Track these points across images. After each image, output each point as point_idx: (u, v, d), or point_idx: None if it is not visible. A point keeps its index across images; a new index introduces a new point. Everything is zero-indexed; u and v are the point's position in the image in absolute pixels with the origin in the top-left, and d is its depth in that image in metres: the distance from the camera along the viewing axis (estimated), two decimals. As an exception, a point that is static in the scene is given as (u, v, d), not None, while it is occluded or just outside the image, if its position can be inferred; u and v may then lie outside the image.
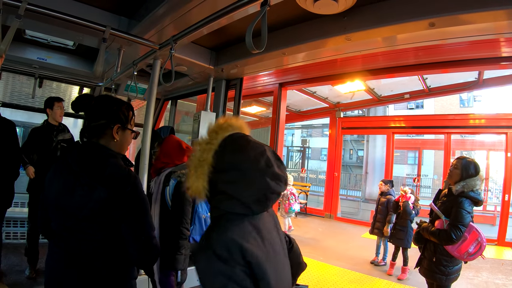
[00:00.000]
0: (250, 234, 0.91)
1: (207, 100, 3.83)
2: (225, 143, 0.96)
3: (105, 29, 2.26)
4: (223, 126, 1.01)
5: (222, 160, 0.94)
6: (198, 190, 0.94)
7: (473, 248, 2.35)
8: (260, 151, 0.94)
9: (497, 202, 10.65)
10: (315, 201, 10.84)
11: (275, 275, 0.93)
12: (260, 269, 0.88)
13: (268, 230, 0.99)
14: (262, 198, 0.92)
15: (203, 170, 0.94)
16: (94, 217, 1.20)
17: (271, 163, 0.94)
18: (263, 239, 0.94)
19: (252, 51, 1.40)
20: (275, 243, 1.00)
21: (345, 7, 2.06)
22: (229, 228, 0.89)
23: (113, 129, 1.34)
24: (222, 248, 0.85)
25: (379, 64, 3.41)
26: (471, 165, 2.46)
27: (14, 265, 3.32)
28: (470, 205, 2.38)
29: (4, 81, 4.19)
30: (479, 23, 1.88)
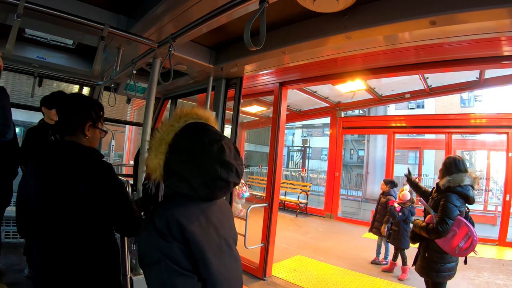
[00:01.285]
0: (195, 216, 0.94)
1: (207, 99, 3.81)
2: (185, 128, 1.01)
3: (103, 27, 2.25)
4: (188, 112, 1.06)
5: (179, 142, 0.98)
6: (154, 168, 0.99)
7: (464, 243, 2.39)
8: (215, 139, 0.98)
9: (498, 202, 10.61)
10: (316, 201, 10.83)
11: (219, 263, 0.94)
12: (198, 250, 0.89)
13: (219, 221, 1.02)
14: (209, 183, 0.94)
15: (161, 149, 0.99)
16: (79, 211, 1.28)
17: (223, 151, 0.96)
18: (210, 224, 0.97)
19: (250, 48, 1.39)
20: (226, 235, 1.03)
21: (345, 5, 2.05)
22: (174, 205, 0.93)
23: (85, 126, 1.41)
24: (162, 223, 0.88)
25: (379, 63, 3.39)
26: (451, 161, 2.59)
27: (13, 264, 3.31)
28: (457, 200, 2.45)
29: (3, 80, 4.19)
30: (480, 21, 1.86)
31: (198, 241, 0.90)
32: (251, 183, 11.77)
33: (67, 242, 1.28)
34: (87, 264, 1.30)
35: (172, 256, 0.87)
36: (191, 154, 0.96)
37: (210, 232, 0.97)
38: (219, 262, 0.95)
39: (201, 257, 0.90)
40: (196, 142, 0.97)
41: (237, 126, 3.79)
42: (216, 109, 3.81)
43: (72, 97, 1.50)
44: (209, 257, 0.92)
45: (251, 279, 3.90)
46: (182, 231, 0.89)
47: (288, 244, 5.62)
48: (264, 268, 3.92)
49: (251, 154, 18.43)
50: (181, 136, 0.99)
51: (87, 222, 1.30)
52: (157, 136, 1.02)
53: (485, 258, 5.38)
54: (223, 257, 0.99)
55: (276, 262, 4.39)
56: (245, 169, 12.67)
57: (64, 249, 1.28)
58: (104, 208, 1.32)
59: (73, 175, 1.28)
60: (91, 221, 1.31)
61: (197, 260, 0.90)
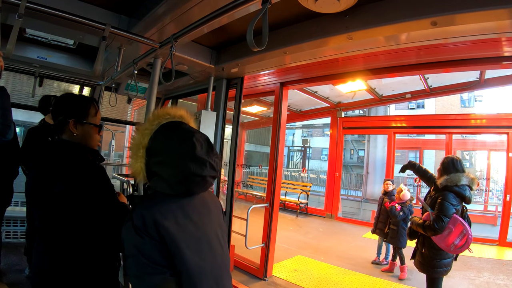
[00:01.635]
0: (172, 212, 0.98)
1: (208, 99, 3.82)
2: (158, 130, 1.05)
3: (105, 27, 2.25)
4: (160, 114, 1.10)
5: (154, 144, 1.03)
6: (137, 171, 1.04)
7: (459, 241, 2.45)
8: (186, 136, 1.02)
9: (498, 203, 10.61)
10: (316, 201, 10.83)
11: (196, 256, 0.98)
12: (174, 244, 0.93)
13: (199, 215, 1.05)
14: (184, 180, 0.98)
15: (140, 153, 1.04)
16: (59, 209, 1.26)
17: (194, 147, 0.99)
18: (187, 219, 1.01)
19: (253, 49, 1.40)
20: (207, 229, 1.06)
21: (347, 5, 2.05)
22: (152, 204, 0.97)
23: (69, 123, 1.39)
24: (139, 220, 0.93)
25: (380, 63, 3.39)
26: (448, 161, 2.68)
27: (13, 264, 3.32)
28: (454, 198, 2.53)
29: (4, 80, 4.18)
30: (481, 22, 1.86)
31: (172, 236, 0.94)
32: (252, 183, 11.77)
33: (58, 239, 1.28)
34: (81, 262, 1.29)
35: (144, 251, 0.91)
36: (165, 155, 1.01)
37: (188, 227, 1.00)
38: (196, 255, 0.98)
39: (177, 251, 0.93)
40: (168, 142, 1.01)
41: (238, 126, 3.79)
42: (217, 109, 3.81)
43: (57, 98, 1.52)
44: (184, 250, 0.95)
45: (251, 279, 3.90)
46: (157, 227, 0.92)
47: (288, 244, 5.62)
48: (264, 268, 3.93)
49: (251, 154, 18.42)
50: (155, 138, 1.03)
51: (70, 221, 1.27)
52: (135, 141, 1.06)
53: (485, 258, 5.38)
54: (201, 251, 1.01)
55: (276, 262, 4.39)
56: (246, 169, 12.67)
57: (55, 246, 1.29)
58: (83, 210, 1.27)
59: (52, 173, 1.28)
60: (76, 221, 1.27)
61: (173, 254, 0.93)
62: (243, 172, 12.17)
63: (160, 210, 0.96)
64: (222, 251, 1.11)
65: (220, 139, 3.79)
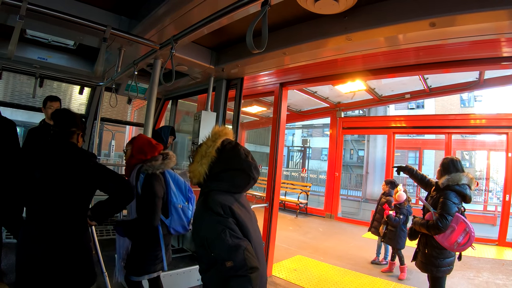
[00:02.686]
0: (233, 202, 1.34)
1: (208, 100, 3.83)
2: (223, 144, 1.41)
3: (105, 29, 2.26)
4: (222, 132, 1.48)
5: (222, 155, 1.38)
6: (199, 174, 1.36)
7: (462, 239, 2.49)
8: (247, 152, 1.42)
9: (497, 202, 10.63)
10: (316, 201, 10.84)
11: (255, 235, 1.36)
12: (242, 223, 1.30)
13: (246, 205, 1.44)
14: (246, 181, 1.39)
15: (207, 160, 1.37)
16: (79, 190, 1.78)
17: (253, 160, 1.42)
18: (241, 206, 1.38)
19: (253, 51, 1.41)
20: (251, 215, 1.45)
21: (346, 7, 2.06)
22: (219, 196, 1.31)
23: (78, 135, 1.94)
24: (217, 207, 1.27)
25: (379, 64, 3.40)
26: (448, 161, 2.72)
27: (14, 264, 3.32)
28: (455, 197, 2.56)
29: (4, 80, 4.19)
30: (479, 23, 1.88)
31: (240, 216, 1.31)
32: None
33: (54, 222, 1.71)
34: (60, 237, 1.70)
35: (230, 227, 1.24)
36: (233, 163, 1.37)
37: (243, 212, 1.36)
38: (252, 230, 1.35)
39: (244, 227, 1.30)
40: (236, 156, 1.38)
41: (237, 126, 3.80)
42: (217, 110, 3.82)
43: (74, 113, 2.00)
44: (248, 226, 1.32)
45: (251, 279, 3.91)
46: (232, 211, 1.28)
47: (288, 244, 5.63)
48: (264, 268, 3.93)
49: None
50: (223, 152, 1.39)
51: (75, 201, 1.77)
52: (203, 149, 1.41)
53: (484, 258, 5.39)
54: (253, 226, 1.40)
55: (276, 262, 4.40)
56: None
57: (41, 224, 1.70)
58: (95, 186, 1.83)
59: (78, 164, 1.78)
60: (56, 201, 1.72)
61: (242, 229, 1.29)
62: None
63: (227, 199, 1.31)
64: (258, 230, 1.48)
65: (220, 139, 3.80)
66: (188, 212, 2.35)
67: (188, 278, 3.46)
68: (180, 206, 2.31)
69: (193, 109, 6.08)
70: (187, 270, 3.44)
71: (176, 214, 2.29)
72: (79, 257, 1.76)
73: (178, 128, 6.07)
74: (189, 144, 5.08)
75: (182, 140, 6.26)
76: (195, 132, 3.71)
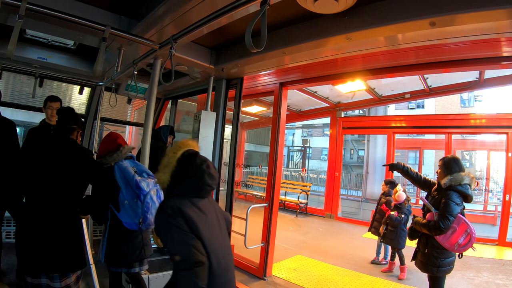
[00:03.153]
0: (187, 205, 1.48)
1: (208, 99, 3.82)
2: (183, 155, 1.60)
3: (105, 28, 2.26)
4: (184, 143, 1.68)
5: (181, 165, 1.57)
6: (163, 181, 1.56)
7: (463, 240, 2.48)
8: (202, 161, 1.59)
9: (497, 202, 10.62)
10: (316, 201, 10.83)
11: (210, 235, 1.48)
12: (194, 225, 1.43)
13: (205, 210, 1.55)
14: (201, 187, 1.55)
15: (169, 169, 1.56)
16: (74, 181, 2.00)
17: (209, 167, 1.58)
18: (200, 211, 1.51)
19: (252, 50, 1.41)
20: (209, 219, 1.55)
21: (346, 6, 2.06)
22: (175, 200, 1.49)
23: (78, 132, 2.17)
24: (168, 209, 1.45)
25: (379, 63, 3.40)
26: (450, 161, 2.68)
27: (14, 264, 3.29)
28: (458, 198, 2.54)
29: (4, 80, 4.19)
30: (479, 22, 1.87)
31: (191, 218, 1.44)
32: (251, 183, 11.78)
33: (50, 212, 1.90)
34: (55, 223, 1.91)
35: (177, 225, 1.40)
36: (192, 172, 1.55)
37: (197, 213, 1.49)
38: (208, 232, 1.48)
39: (196, 228, 1.42)
40: (192, 165, 1.57)
41: (237, 126, 3.80)
42: (217, 110, 3.82)
43: (74, 111, 2.26)
44: (200, 228, 1.44)
45: (251, 278, 3.91)
46: (181, 211, 1.43)
47: (288, 244, 5.63)
48: (264, 267, 3.93)
49: (251, 154, 18.42)
50: (182, 161, 1.58)
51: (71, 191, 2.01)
52: (166, 160, 1.61)
53: (484, 258, 5.39)
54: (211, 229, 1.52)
55: (276, 262, 4.40)
56: (245, 169, 12.67)
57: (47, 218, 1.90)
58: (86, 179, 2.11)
59: (76, 158, 2.05)
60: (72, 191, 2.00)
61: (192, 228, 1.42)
62: (243, 172, 12.17)
63: (181, 203, 1.47)
64: (223, 235, 1.62)
65: (220, 139, 3.80)
66: (137, 209, 2.25)
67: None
68: (126, 202, 2.26)
69: (193, 109, 6.07)
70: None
71: (123, 209, 2.26)
72: (72, 240, 1.97)
73: (178, 128, 6.07)
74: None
75: (182, 140, 6.26)
76: (195, 132, 3.71)
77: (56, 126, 2.07)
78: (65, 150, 1.98)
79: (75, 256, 1.99)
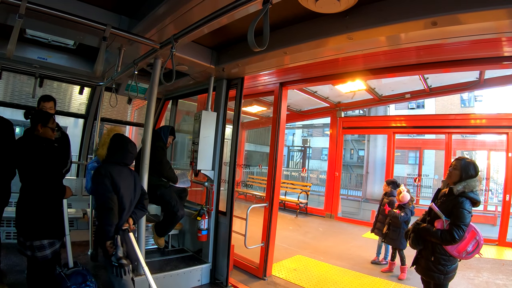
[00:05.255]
0: (115, 170, 2.34)
1: (208, 99, 3.82)
2: (114, 135, 2.51)
3: (105, 28, 2.26)
4: (114, 129, 3.06)
5: (113, 142, 2.46)
6: (102, 154, 2.91)
7: (471, 247, 2.42)
8: (126, 138, 2.49)
9: (497, 202, 10.61)
10: (316, 201, 10.82)
11: (123, 192, 2.33)
12: (115, 184, 2.28)
13: (126, 177, 2.43)
14: (126, 155, 2.43)
15: (105, 146, 2.56)
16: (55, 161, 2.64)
17: (131, 146, 2.46)
18: (122, 174, 2.38)
19: (254, 49, 1.40)
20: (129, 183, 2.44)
21: (347, 5, 2.05)
22: (108, 165, 2.36)
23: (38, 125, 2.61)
24: (102, 170, 2.30)
25: (380, 63, 3.39)
26: (470, 166, 2.50)
27: (14, 265, 3.32)
28: (470, 205, 2.42)
29: (4, 80, 4.19)
30: (480, 22, 1.87)
31: (115, 178, 2.29)
32: (251, 183, 11.77)
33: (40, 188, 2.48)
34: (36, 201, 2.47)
35: (103, 182, 2.25)
36: (119, 146, 2.43)
37: (121, 176, 2.35)
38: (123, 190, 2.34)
39: (116, 186, 2.29)
40: (118, 142, 2.46)
41: (238, 126, 3.79)
42: (218, 110, 3.81)
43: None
44: (120, 186, 2.31)
45: (251, 278, 3.90)
46: (110, 174, 2.29)
47: (288, 244, 5.62)
48: (264, 267, 3.93)
49: (251, 154, 18.41)
50: (114, 140, 2.47)
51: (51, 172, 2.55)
52: (102, 140, 3.06)
53: (484, 258, 5.36)
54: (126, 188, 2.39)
55: (276, 262, 4.40)
56: (246, 169, 12.69)
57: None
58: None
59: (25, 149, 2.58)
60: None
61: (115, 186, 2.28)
62: (243, 172, 12.17)
63: (110, 168, 2.34)
64: (136, 194, 2.51)
65: (221, 139, 3.79)
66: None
67: (188, 279, 3.45)
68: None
69: (193, 109, 6.07)
70: (187, 271, 3.44)
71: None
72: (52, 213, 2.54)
73: (178, 128, 6.06)
74: (189, 144, 5.08)
75: (182, 140, 6.26)
76: (195, 132, 3.70)
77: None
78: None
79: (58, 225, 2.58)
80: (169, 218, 3.50)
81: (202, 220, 3.64)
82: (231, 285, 3.59)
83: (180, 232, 4.25)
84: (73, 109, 5.14)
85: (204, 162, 3.65)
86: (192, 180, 4.03)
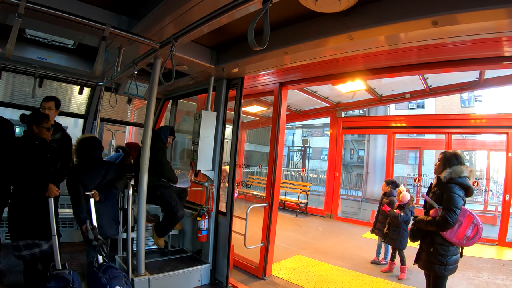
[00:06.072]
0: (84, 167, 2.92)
1: (208, 99, 3.82)
2: (81, 140, 3.08)
3: (105, 27, 2.25)
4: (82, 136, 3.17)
5: (79, 146, 3.03)
6: (75, 158, 3.14)
7: (471, 232, 2.46)
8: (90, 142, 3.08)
9: (497, 203, 10.62)
10: (316, 201, 10.82)
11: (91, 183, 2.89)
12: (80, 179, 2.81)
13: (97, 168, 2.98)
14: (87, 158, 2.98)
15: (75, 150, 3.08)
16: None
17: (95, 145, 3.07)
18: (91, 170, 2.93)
19: (254, 48, 1.40)
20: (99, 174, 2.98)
21: (347, 5, 2.05)
22: (80, 165, 2.97)
23: (33, 126, 2.72)
24: (72, 170, 2.95)
25: (380, 63, 3.39)
26: (452, 155, 2.66)
27: (13, 265, 3.31)
28: (460, 190, 2.51)
29: (4, 80, 4.18)
30: (480, 21, 1.87)
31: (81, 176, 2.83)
32: (251, 183, 11.77)
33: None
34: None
35: (72, 180, 2.82)
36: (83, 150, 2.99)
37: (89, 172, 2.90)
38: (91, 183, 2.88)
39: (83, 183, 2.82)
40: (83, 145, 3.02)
41: (238, 126, 3.79)
42: (217, 110, 3.81)
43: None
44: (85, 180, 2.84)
45: (251, 278, 3.90)
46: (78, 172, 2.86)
47: (288, 244, 5.62)
48: (264, 267, 3.93)
49: (251, 154, 18.41)
50: (81, 143, 3.03)
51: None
52: (75, 147, 3.08)
53: (484, 258, 5.38)
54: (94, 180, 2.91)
55: (276, 262, 4.39)
56: (245, 169, 12.69)
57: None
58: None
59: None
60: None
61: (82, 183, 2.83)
62: (243, 172, 12.17)
63: (81, 166, 2.92)
64: (108, 185, 3.02)
65: (221, 139, 3.79)
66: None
67: (188, 279, 3.45)
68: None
69: (193, 109, 6.06)
70: (187, 271, 3.43)
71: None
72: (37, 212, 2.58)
73: (178, 128, 6.05)
74: (189, 144, 5.08)
75: (182, 140, 6.25)
76: (195, 132, 3.70)
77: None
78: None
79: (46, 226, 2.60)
80: (169, 218, 3.50)
81: (202, 220, 3.64)
82: (231, 285, 3.58)
83: (180, 232, 4.24)
84: (73, 109, 5.13)
85: (204, 162, 3.65)
86: (192, 180, 4.03)
